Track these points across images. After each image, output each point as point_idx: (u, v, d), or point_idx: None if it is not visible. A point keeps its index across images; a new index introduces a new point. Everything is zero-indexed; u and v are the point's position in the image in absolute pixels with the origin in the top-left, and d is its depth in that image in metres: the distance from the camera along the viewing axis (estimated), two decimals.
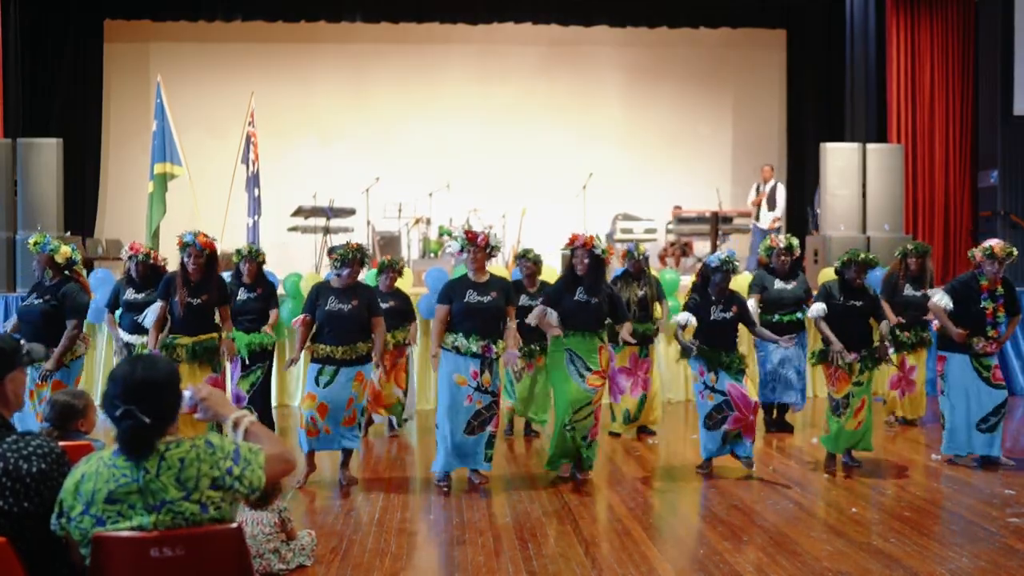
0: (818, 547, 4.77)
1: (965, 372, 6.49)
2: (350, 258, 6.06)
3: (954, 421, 6.56)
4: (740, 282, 8.71)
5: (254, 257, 7.34)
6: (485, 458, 6.02)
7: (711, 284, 6.40)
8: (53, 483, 2.51)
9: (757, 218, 12.60)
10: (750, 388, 6.34)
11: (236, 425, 2.59)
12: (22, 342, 2.82)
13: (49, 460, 2.53)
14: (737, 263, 6.52)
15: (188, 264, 6.15)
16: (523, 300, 7.09)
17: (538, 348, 7.23)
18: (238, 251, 7.39)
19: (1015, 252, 6.46)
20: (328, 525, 5.18)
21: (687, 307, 6.51)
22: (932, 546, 4.78)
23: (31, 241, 6.26)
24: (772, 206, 12.57)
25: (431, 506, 5.65)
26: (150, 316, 6.26)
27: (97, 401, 7.60)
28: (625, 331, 6.29)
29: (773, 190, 12.62)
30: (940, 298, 6.54)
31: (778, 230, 12.46)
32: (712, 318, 6.34)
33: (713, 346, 6.32)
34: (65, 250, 6.24)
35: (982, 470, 6.46)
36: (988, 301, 6.43)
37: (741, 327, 6.55)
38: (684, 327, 6.44)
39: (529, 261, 7.51)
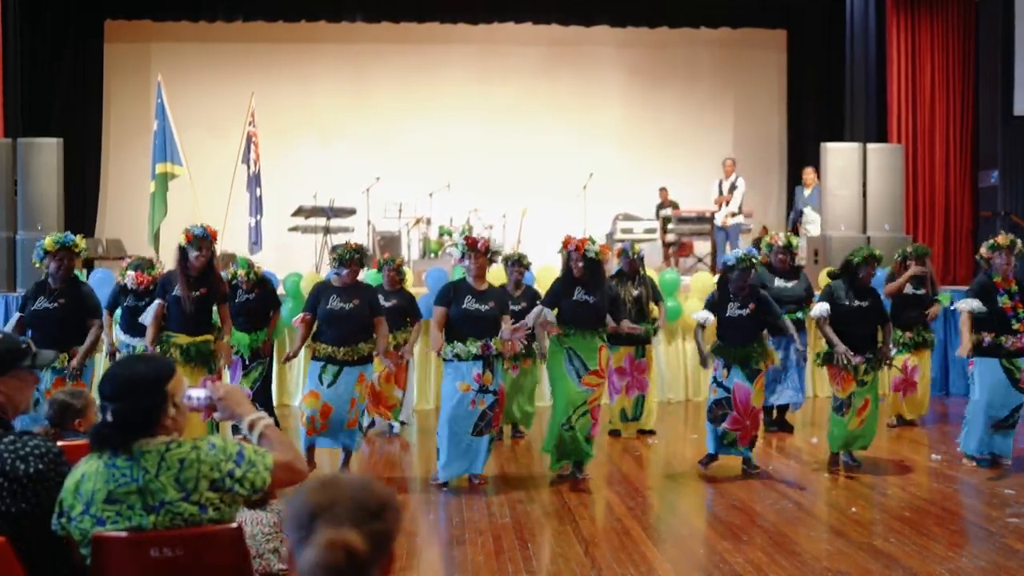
0: (818, 547, 4.77)
1: (994, 373, 6.41)
2: (348, 258, 6.07)
3: (975, 421, 6.51)
4: None
5: (247, 272, 7.45)
6: (484, 460, 6.03)
7: (730, 282, 6.39)
8: (50, 483, 2.50)
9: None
10: (756, 394, 6.30)
11: (252, 427, 2.55)
12: (24, 345, 2.78)
13: (46, 460, 2.53)
14: (757, 259, 6.45)
15: (195, 258, 6.07)
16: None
17: (523, 351, 7.21)
18: (238, 265, 7.47)
19: (1018, 240, 6.45)
20: None
21: (706, 304, 6.53)
22: (932, 546, 4.78)
23: (80, 242, 6.18)
24: (729, 201, 12.41)
25: (431, 506, 5.65)
26: (148, 314, 6.21)
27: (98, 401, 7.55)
28: (624, 325, 6.30)
29: (733, 185, 12.40)
30: (965, 304, 6.49)
31: (738, 226, 12.38)
32: (727, 315, 6.33)
33: (731, 343, 6.31)
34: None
35: (983, 470, 6.46)
36: (1005, 297, 6.41)
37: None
38: (703, 326, 6.43)
39: (521, 266, 7.50)
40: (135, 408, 2.42)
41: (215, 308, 6.31)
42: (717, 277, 6.74)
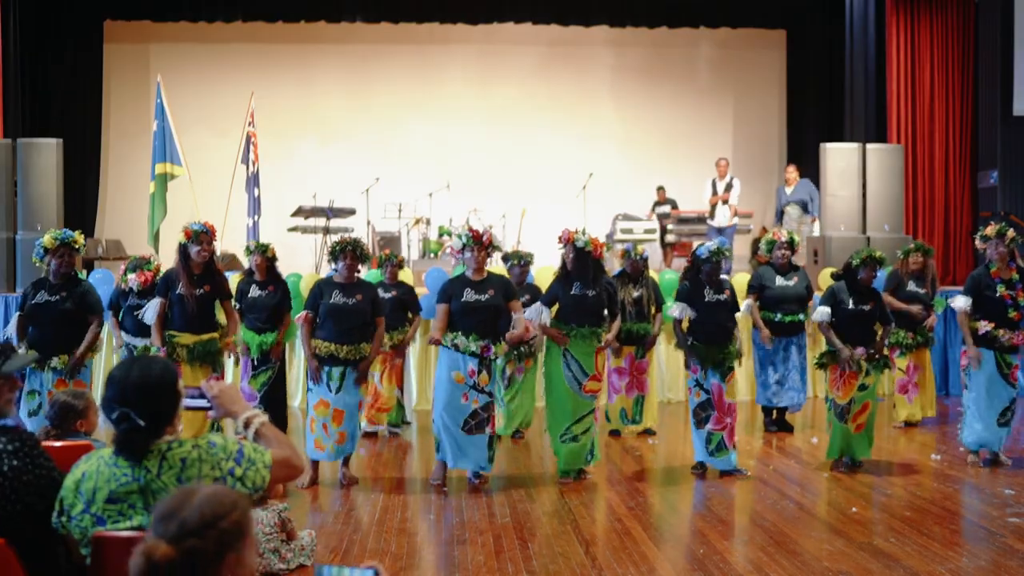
0: (818, 547, 4.77)
1: (988, 365, 6.43)
2: (340, 250, 6.06)
3: (973, 414, 6.52)
4: (739, 280, 8.72)
5: (263, 251, 7.35)
6: (487, 459, 6.01)
7: (702, 273, 6.43)
8: (29, 477, 2.49)
9: (712, 216, 12.18)
10: (731, 389, 6.31)
11: (247, 424, 2.55)
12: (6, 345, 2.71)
13: (21, 455, 2.51)
14: (728, 252, 6.51)
15: (197, 253, 6.05)
16: None
17: (526, 350, 7.22)
18: (247, 247, 7.42)
19: (1009, 230, 6.44)
20: (328, 525, 5.18)
21: (679, 295, 6.52)
22: (932, 546, 4.78)
23: (79, 238, 6.18)
24: (727, 199, 12.26)
25: (431, 506, 5.65)
26: (150, 312, 6.15)
27: (99, 403, 7.46)
28: (612, 332, 6.29)
29: (729, 185, 12.22)
30: (957, 302, 6.52)
31: (735, 227, 12.32)
32: (707, 300, 6.35)
33: (710, 333, 6.29)
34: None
35: (984, 470, 6.46)
36: (1002, 286, 6.41)
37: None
38: (681, 320, 6.43)
39: (525, 265, 7.58)
40: (158, 411, 2.44)
41: (218, 306, 6.30)
42: (684, 269, 6.71)
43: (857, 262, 6.44)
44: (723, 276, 6.62)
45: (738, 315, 6.66)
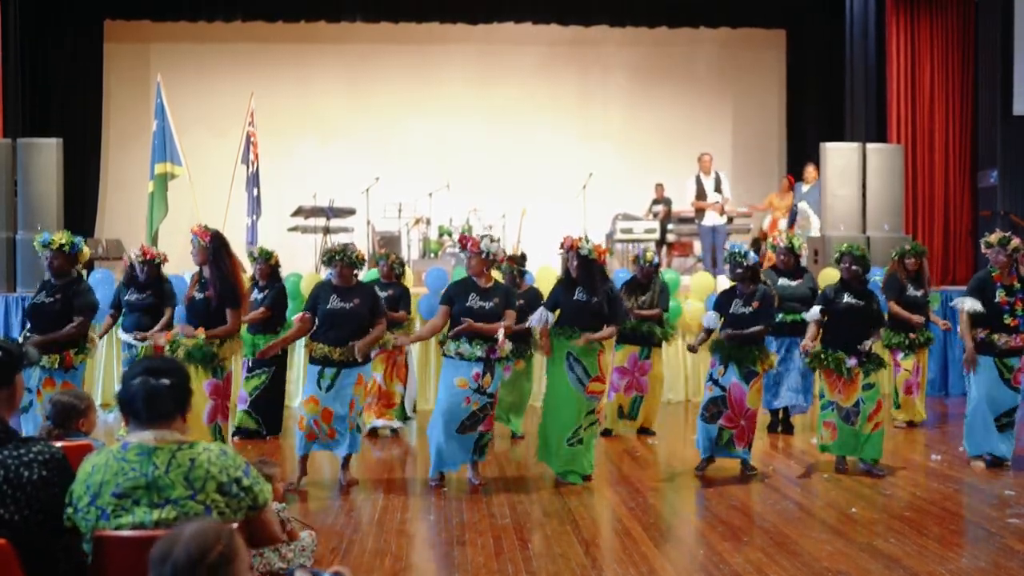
0: (818, 547, 4.77)
1: (988, 372, 6.44)
2: (329, 259, 6.07)
3: (974, 420, 6.53)
4: None
5: (267, 259, 7.41)
6: (475, 450, 6.04)
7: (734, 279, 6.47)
8: (54, 488, 2.52)
9: (701, 216, 11.97)
10: (752, 395, 6.25)
11: None
12: (21, 348, 2.82)
13: (50, 467, 2.54)
14: (745, 253, 6.36)
15: (194, 257, 6.07)
16: None
17: (516, 352, 7.20)
18: (250, 253, 7.47)
19: (1013, 239, 6.42)
20: (328, 525, 5.18)
21: (715, 303, 6.54)
22: (932, 546, 4.78)
23: (59, 239, 6.16)
24: (727, 201, 12.10)
25: (431, 507, 5.65)
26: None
27: (98, 402, 7.52)
28: (602, 334, 6.10)
29: (718, 181, 12.03)
30: (962, 303, 6.50)
31: (730, 220, 12.23)
32: (732, 311, 6.34)
33: (730, 341, 6.26)
34: (86, 251, 6.26)
35: (984, 470, 6.46)
36: (1002, 292, 6.40)
37: None
38: (711, 330, 6.42)
39: (518, 265, 7.63)
40: (178, 378, 2.57)
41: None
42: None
43: (836, 255, 6.48)
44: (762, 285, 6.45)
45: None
